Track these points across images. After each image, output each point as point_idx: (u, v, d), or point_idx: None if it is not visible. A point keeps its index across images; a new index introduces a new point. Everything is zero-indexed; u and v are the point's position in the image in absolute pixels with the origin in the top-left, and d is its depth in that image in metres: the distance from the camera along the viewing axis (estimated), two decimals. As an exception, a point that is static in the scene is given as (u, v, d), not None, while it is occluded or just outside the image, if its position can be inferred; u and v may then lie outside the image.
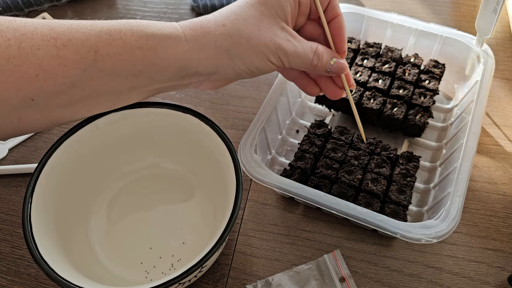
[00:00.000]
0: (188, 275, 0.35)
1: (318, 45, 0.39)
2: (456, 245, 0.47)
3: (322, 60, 0.39)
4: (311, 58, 0.38)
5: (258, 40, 0.36)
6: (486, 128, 0.56)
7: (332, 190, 0.46)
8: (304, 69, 0.40)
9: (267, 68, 0.39)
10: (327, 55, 0.39)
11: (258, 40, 0.36)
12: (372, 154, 0.50)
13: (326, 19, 0.41)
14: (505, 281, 0.44)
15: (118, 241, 0.46)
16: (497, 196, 0.50)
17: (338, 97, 0.43)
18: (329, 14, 0.41)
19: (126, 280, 0.43)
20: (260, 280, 0.44)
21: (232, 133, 0.56)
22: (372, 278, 0.45)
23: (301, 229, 0.48)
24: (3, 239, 0.48)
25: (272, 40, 0.36)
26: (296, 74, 0.44)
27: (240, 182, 0.40)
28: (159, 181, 0.50)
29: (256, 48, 0.36)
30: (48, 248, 0.38)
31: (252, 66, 0.38)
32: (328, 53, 0.40)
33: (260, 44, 0.36)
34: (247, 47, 0.36)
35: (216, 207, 0.47)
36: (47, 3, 0.72)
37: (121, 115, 0.45)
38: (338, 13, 0.41)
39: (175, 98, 0.60)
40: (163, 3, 0.74)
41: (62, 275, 0.35)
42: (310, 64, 0.39)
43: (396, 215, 0.44)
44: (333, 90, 0.43)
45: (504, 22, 0.67)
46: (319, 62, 0.39)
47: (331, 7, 0.40)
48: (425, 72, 0.55)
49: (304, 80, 0.44)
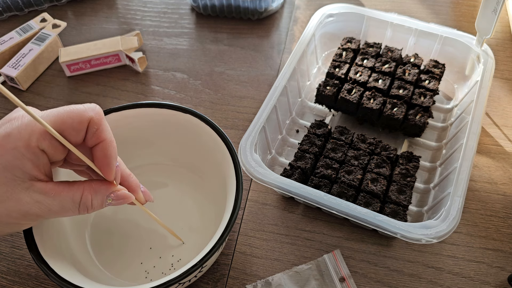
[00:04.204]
0: (188, 275, 0.36)
1: (84, 191, 0.33)
2: (456, 245, 0.47)
3: (94, 205, 0.34)
4: (75, 210, 0.33)
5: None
6: (486, 128, 0.56)
7: (332, 190, 0.46)
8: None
9: (26, 226, 0.35)
10: (100, 196, 0.34)
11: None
12: (372, 154, 0.50)
13: (88, 145, 0.33)
14: (505, 281, 0.44)
15: (118, 241, 0.46)
16: (497, 196, 0.50)
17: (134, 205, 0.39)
18: (91, 141, 0.33)
19: (126, 280, 0.43)
20: (260, 280, 0.44)
21: (232, 133, 0.56)
22: (372, 278, 0.45)
23: (301, 229, 0.48)
24: (3, 239, 0.48)
25: (16, 209, 0.31)
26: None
27: (240, 182, 0.40)
28: (159, 181, 0.50)
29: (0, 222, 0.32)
30: (48, 248, 0.38)
31: (8, 233, 0.34)
32: (101, 193, 0.34)
33: (2, 218, 0.31)
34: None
35: (216, 207, 0.47)
36: (47, 3, 0.72)
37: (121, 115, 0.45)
38: (102, 139, 0.33)
39: (175, 98, 0.60)
40: (163, 3, 0.74)
41: (62, 275, 0.35)
42: (78, 213, 0.33)
43: (396, 215, 0.44)
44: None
45: (504, 22, 0.67)
46: (89, 209, 0.34)
47: (91, 134, 0.33)
48: (425, 72, 0.55)
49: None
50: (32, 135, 0.31)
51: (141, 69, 0.63)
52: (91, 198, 0.33)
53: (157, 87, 0.62)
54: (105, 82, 0.63)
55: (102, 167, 0.34)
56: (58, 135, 0.31)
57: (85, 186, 0.33)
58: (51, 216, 0.33)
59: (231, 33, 0.69)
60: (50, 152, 0.32)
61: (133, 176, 0.38)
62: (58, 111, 0.32)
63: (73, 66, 0.62)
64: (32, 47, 0.62)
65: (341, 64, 0.56)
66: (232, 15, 0.70)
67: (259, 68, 0.64)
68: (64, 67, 0.62)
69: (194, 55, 0.66)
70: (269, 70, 0.64)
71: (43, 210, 0.32)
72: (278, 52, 0.66)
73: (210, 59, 0.65)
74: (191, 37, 0.68)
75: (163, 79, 0.63)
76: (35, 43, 0.63)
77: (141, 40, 0.65)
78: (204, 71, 0.64)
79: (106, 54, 0.62)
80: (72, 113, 0.32)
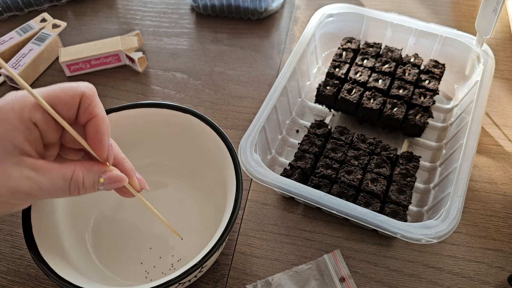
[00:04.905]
0: (188, 275, 0.36)
1: (76, 168, 0.32)
2: (456, 245, 0.47)
3: (85, 184, 0.32)
4: (66, 188, 0.32)
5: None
6: (486, 128, 0.56)
7: (332, 190, 0.46)
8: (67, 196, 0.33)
9: (21, 207, 0.34)
10: (92, 175, 0.33)
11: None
12: (372, 154, 0.50)
13: (80, 121, 0.33)
14: (505, 281, 0.44)
15: (118, 241, 0.46)
16: (497, 196, 0.50)
17: (134, 196, 0.37)
18: (83, 117, 0.32)
19: (126, 280, 0.43)
20: (260, 280, 0.44)
21: (232, 133, 0.56)
22: (372, 278, 0.45)
23: (301, 229, 0.48)
24: (3, 239, 0.48)
25: (5, 185, 0.30)
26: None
27: (240, 182, 0.40)
28: (159, 181, 0.50)
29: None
30: (48, 248, 0.38)
31: (2, 213, 0.33)
32: (93, 172, 0.33)
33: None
34: None
35: (216, 207, 0.47)
36: (47, 3, 0.72)
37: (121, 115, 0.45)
38: (95, 114, 0.32)
39: (175, 98, 0.60)
40: (163, 3, 0.74)
41: (62, 275, 0.35)
42: (68, 193, 0.32)
43: (396, 215, 0.44)
44: (125, 193, 0.37)
45: (504, 22, 0.67)
46: (80, 188, 0.32)
47: (84, 109, 0.32)
48: (425, 72, 0.55)
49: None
50: (24, 108, 0.30)
51: (141, 69, 0.63)
52: (82, 176, 0.32)
53: (157, 87, 0.62)
54: (105, 82, 0.63)
55: (94, 144, 0.33)
56: (50, 108, 0.31)
57: (77, 164, 0.33)
58: (42, 195, 0.31)
59: (231, 33, 0.69)
60: (43, 126, 0.31)
61: (128, 161, 0.37)
62: (51, 87, 0.32)
63: (73, 66, 0.62)
64: (32, 47, 0.62)
65: (341, 64, 0.56)
66: (232, 15, 0.70)
67: (259, 68, 0.64)
68: (64, 67, 0.62)
69: (194, 55, 0.66)
70: (269, 70, 0.64)
71: (33, 188, 0.31)
72: (278, 52, 0.66)
73: (210, 59, 0.65)
74: (191, 37, 0.68)
75: (163, 79, 0.63)
76: (35, 43, 0.63)
77: (141, 40, 0.65)
78: (204, 71, 0.64)
79: (106, 54, 0.62)
80: (65, 88, 0.32)
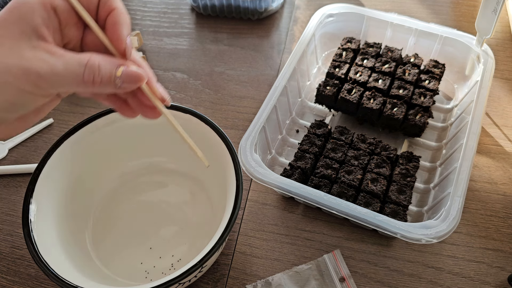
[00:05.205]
0: (188, 275, 0.36)
1: (92, 55, 0.31)
2: (456, 245, 0.47)
3: (101, 72, 0.31)
4: (80, 73, 0.30)
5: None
6: (486, 128, 0.56)
7: (332, 190, 0.46)
8: (81, 89, 0.31)
9: (29, 100, 0.31)
10: (108, 64, 0.31)
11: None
12: (372, 154, 0.50)
13: (101, 17, 0.33)
14: (505, 281, 0.44)
15: (118, 241, 0.46)
16: (497, 196, 0.50)
17: (155, 117, 0.35)
18: (103, 11, 0.32)
19: (126, 280, 0.43)
20: (260, 280, 0.44)
21: (232, 133, 0.56)
22: (372, 278, 0.45)
23: (301, 229, 0.48)
24: (3, 239, 0.48)
25: (17, 64, 0.29)
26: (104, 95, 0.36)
27: (240, 182, 0.40)
28: (159, 181, 0.50)
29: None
30: (48, 248, 0.38)
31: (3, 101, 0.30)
32: (110, 62, 0.31)
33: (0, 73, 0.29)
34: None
35: (216, 207, 0.47)
36: (47, 3, 0.72)
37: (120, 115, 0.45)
38: (113, 7, 0.32)
39: (175, 98, 0.60)
40: (163, 3, 0.74)
41: (62, 275, 0.35)
42: (82, 81, 0.31)
43: (396, 215, 0.44)
44: (145, 110, 0.35)
45: (504, 22, 0.67)
46: (95, 76, 0.31)
47: (103, 2, 0.32)
48: (425, 72, 0.55)
49: (117, 101, 0.36)
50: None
51: (141, 69, 0.63)
52: (98, 63, 0.31)
53: (157, 87, 0.62)
54: (105, 82, 0.63)
55: (112, 36, 0.32)
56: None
57: (93, 53, 0.31)
58: (54, 80, 0.30)
59: (231, 33, 0.69)
60: (63, 15, 0.31)
61: (148, 66, 0.35)
62: None
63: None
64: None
65: (341, 64, 0.56)
66: (232, 15, 0.70)
67: (259, 68, 0.64)
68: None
69: (194, 55, 0.66)
70: (269, 70, 0.64)
71: (45, 69, 0.29)
72: (278, 52, 0.66)
73: (210, 59, 0.65)
74: (191, 37, 0.68)
75: (163, 79, 0.63)
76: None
77: (141, 40, 0.65)
78: (204, 71, 0.64)
79: (106, 54, 0.62)
80: None
